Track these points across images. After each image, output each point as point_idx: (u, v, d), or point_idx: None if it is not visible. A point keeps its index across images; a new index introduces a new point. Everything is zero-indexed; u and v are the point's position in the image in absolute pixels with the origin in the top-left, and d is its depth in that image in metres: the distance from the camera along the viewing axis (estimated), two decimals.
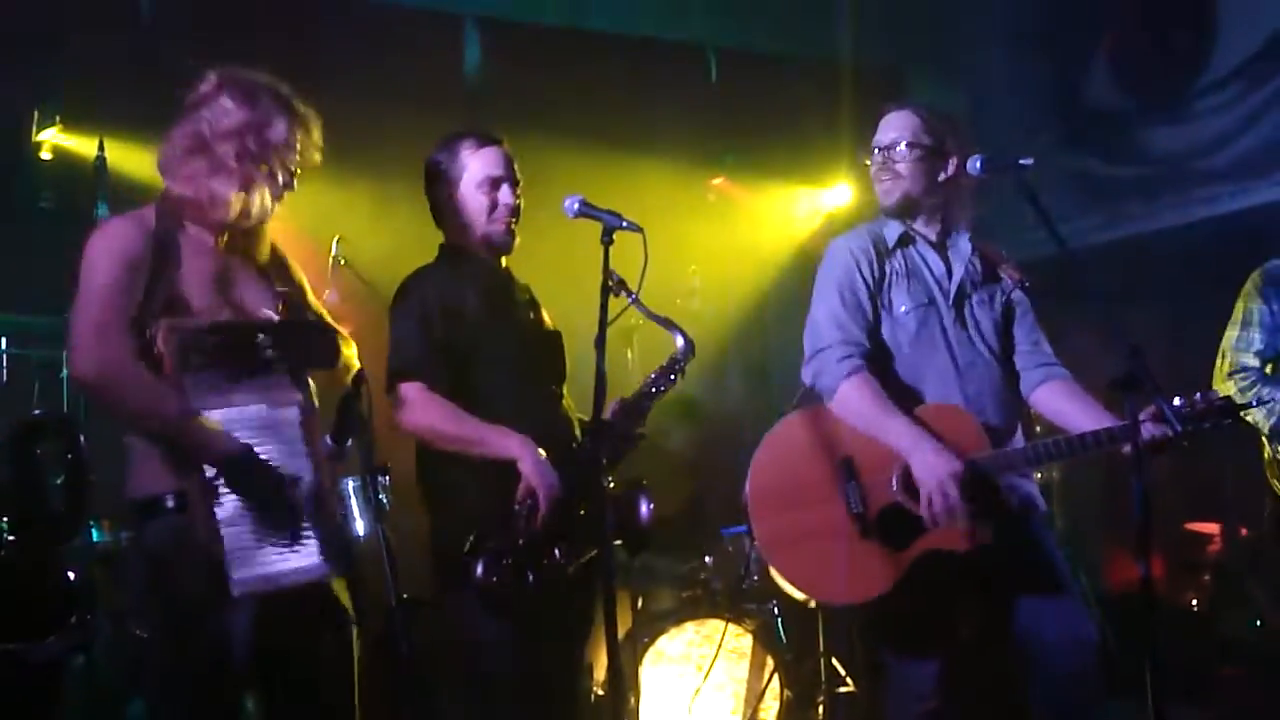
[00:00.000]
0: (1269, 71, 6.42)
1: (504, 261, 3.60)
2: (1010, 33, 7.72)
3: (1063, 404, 3.49)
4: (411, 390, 3.28)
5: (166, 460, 2.84)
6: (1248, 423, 4.31)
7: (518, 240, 3.55)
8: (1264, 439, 4.44)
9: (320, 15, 6.05)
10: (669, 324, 3.48)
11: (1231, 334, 4.49)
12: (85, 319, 2.82)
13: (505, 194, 3.49)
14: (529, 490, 3.21)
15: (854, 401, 3.36)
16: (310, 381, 3.05)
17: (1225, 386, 4.39)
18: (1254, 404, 3.22)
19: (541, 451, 3.26)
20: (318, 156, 3.10)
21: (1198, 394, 3.17)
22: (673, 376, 3.52)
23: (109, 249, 2.87)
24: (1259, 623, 5.90)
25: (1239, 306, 4.51)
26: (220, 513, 2.80)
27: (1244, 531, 6.07)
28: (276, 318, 2.99)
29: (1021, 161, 3.24)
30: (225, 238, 3.01)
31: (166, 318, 2.82)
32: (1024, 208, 3.20)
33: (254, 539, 2.83)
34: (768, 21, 7.24)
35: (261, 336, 2.88)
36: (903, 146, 3.49)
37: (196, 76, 3.03)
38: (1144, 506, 2.78)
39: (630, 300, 3.32)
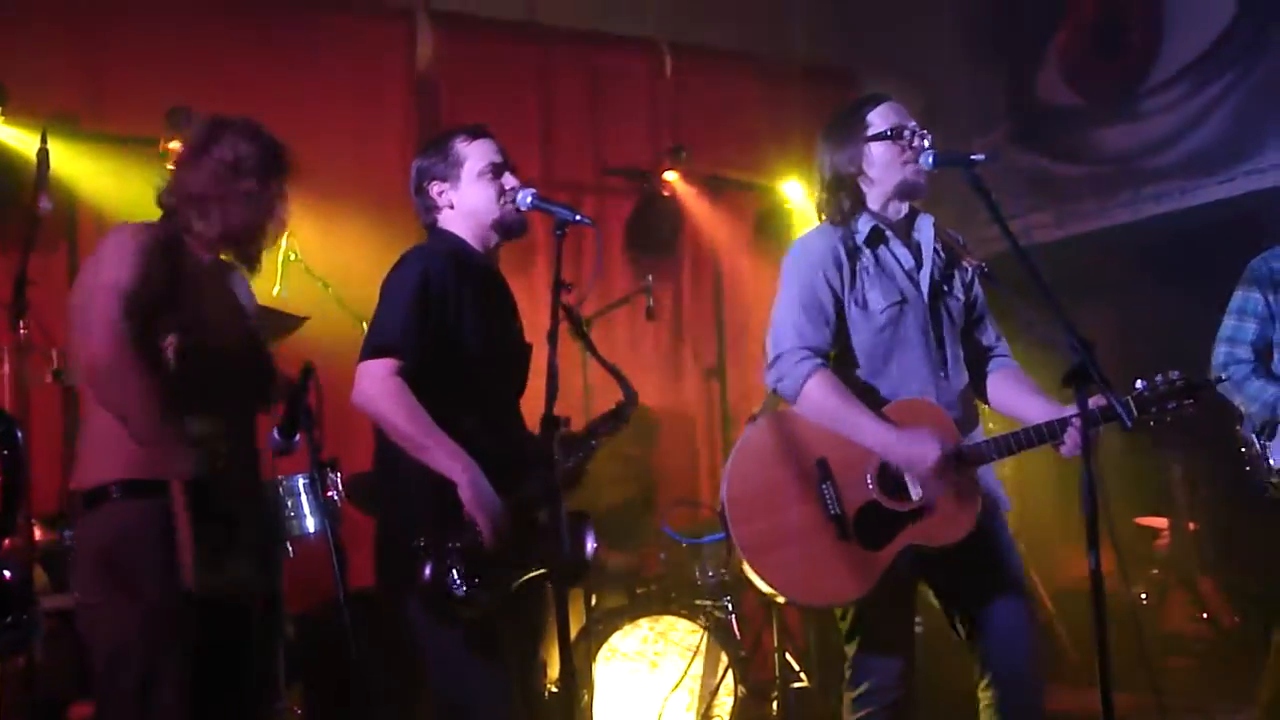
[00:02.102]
0: (1215, 71, 6.49)
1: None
2: (962, 31, 7.77)
3: (1009, 394, 3.52)
4: (381, 367, 3.20)
5: (116, 451, 2.94)
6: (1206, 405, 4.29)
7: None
8: (1251, 436, 4.44)
9: (269, 13, 5.99)
10: (616, 374, 3.46)
11: (1228, 322, 4.48)
12: (104, 311, 2.92)
13: (509, 179, 3.45)
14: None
15: (818, 400, 3.34)
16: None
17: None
18: (1215, 380, 3.22)
19: (481, 478, 3.18)
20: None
21: (1159, 375, 3.18)
22: (617, 424, 3.49)
23: (129, 248, 3.00)
24: (1206, 616, 5.97)
25: (1236, 295, 4.50)
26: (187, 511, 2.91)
27: (1192, 526, 6.14)
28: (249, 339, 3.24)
29: (973, 157, 3.23)
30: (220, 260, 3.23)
31: (168, 327, 2.98)
32: (976, 204, 3.21)
33: (214, 540, 2.95)
34: (722, 18, 7.24)
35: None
36: (919, 130, 3.47)
37: (184, 121, 3.28)
38: (1092, 500, 2.79)
39: (583, 341, 3.32)
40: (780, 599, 3.49)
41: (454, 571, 3.12)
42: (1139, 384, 3.18)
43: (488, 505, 3.15)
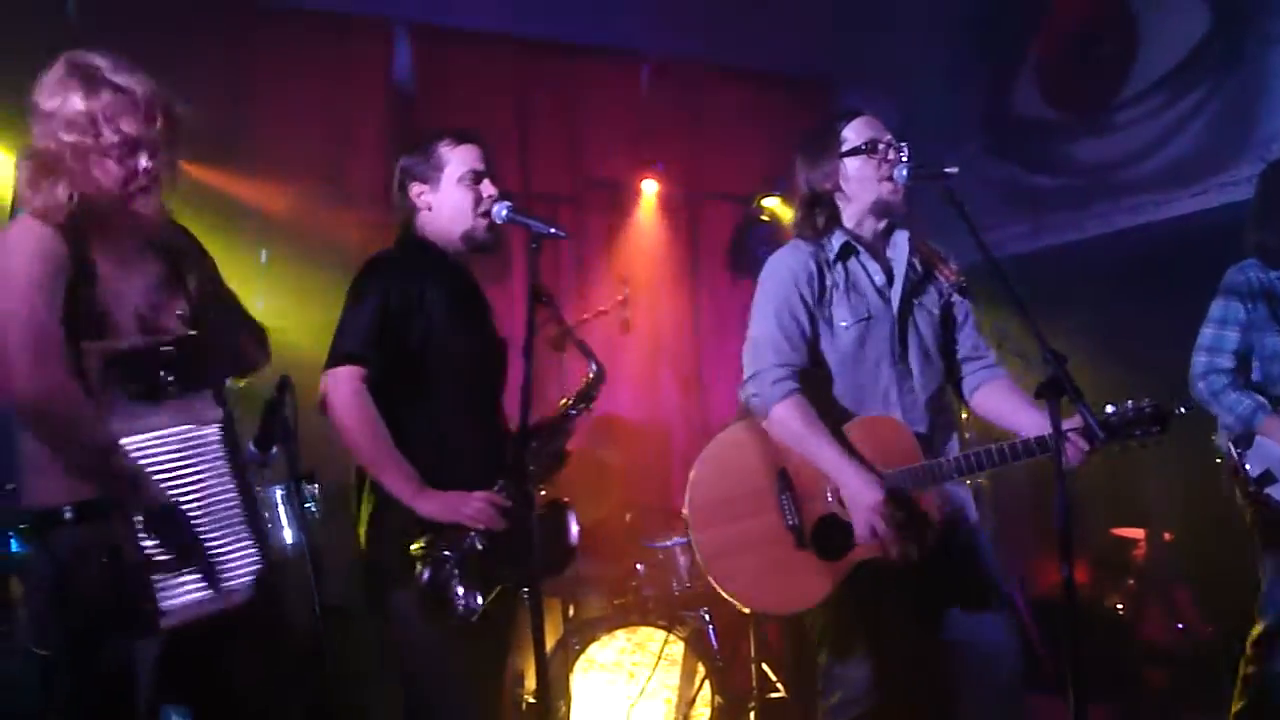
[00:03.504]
0: (1190, 84, 6.54)
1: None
2: (939, 44, 7.81)
3: (1000, 406, 3.51)
4: (345, 375, 3.22)
5: (66, 470, 2.71)
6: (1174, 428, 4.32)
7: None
8: (1228, 447, 4.46)
9: (247, 20, 5.98)
10: (585, 350, 3.49)
11: (1207, 331, 4.49)
12: (20, 334, 2.62)
13: (488, 187, 3.47)
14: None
15: (786, 424, 3.37)
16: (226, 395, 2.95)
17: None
18: (1181, 410, 3.24)
19: (433, 497, 3.21)
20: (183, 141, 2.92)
21: (1129, 401, 3.19)
22: (588, 400, 3.51)
23: (29, 250, 2.67)
24: (1180, 626, 5.99)
25: (1214, 304, 4.51)
26: (145, 540, 2.70)
27: (1168, 537, 6.16)
28: (182, 331, 2.86)
29: (947, 170, 3.26)
30: (128, 235, 2.85)
31: (89, 335, 2.70)
32: (950, 216, 3.22)
33: (180, 565, 2.74)
34: (699, 30, 7.26)
35: (164, 367, 2.78)
36: (893, 145, 3.48)
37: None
38: (1066, 512, 2.81)
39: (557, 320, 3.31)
40: (741, 606, 3.52)
41: (455, 576, 3.14)
42: (1109, 409, 3.18)
43: (455, 514, 3.18)
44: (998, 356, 3.69)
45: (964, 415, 3.67)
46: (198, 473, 2.82)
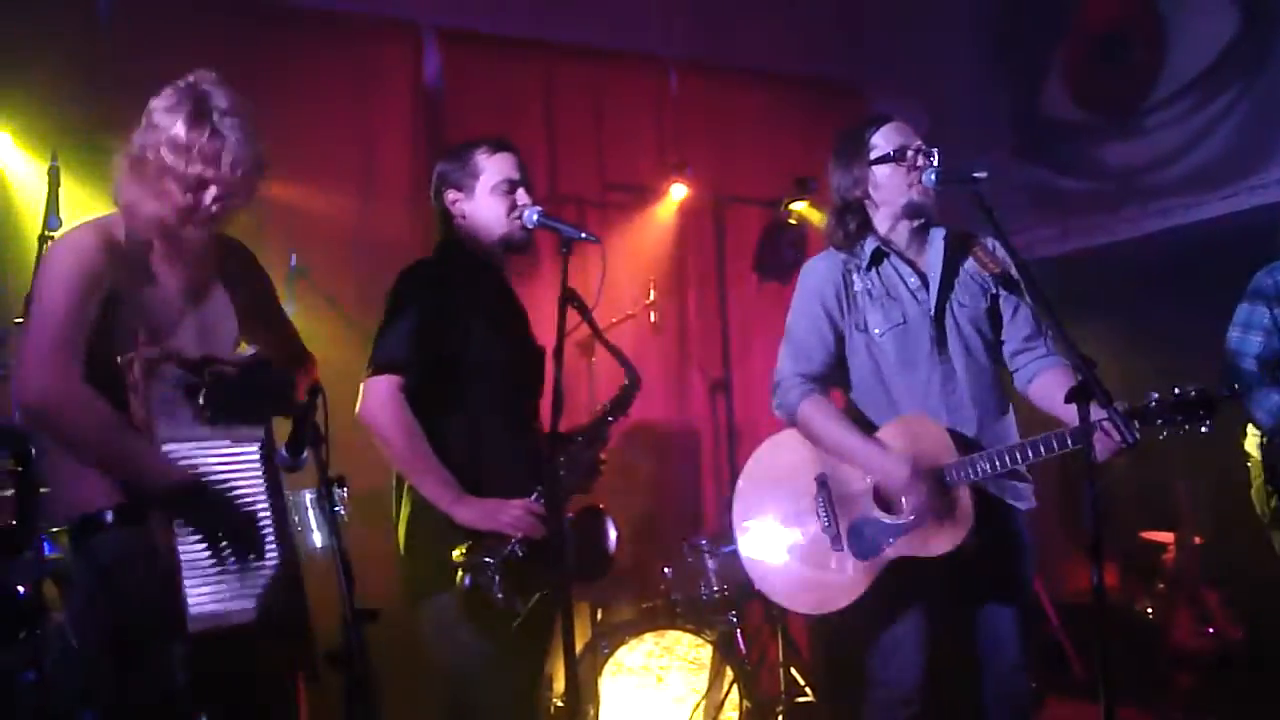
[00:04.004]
0: (1219, 86, 6.51)
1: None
2: (967, 47, 7.79)
3: (1053, 397, 3.42)
4: (383, 384, 3.25)
5: (104, 475, 2.76)
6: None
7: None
8: (1256, 451, 4.44)
9: (277, 26, 6.01)
10: (619, 356, 3.51)
11: (1232, 334, 4.48)
12: (34, 343, 2.72)
13: (523, 195, 3.50)
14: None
15: (809, 422, 3.47)
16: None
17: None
18: (1225, 393, 3.17)
19: (471, 505, 3.24)
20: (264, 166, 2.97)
21: (1174, 387, 3.17)
22: (623, 408, 3.53)
23: (67, 266, 2.77)
24: (1210, 630, 5.96)
25: (1241, 308, 4.49)
26: (180, 543, 2.72)
27: (1197, 540, 6.13)
28: (229, 356, 2.92)
29: (975, 175, 3.26)
30: (189, 251, 2.93)
31: (137, 343, 2.75)
32: (979, 219, 3.22)
33: (212, 571, 2.76)
34: (727, 34, 7.26)
35: (204, 391, 2.81)
36: (922, 150, 3.48)
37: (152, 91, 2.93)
38: (1096, 514, 2.81)
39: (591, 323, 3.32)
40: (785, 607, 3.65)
41: (496, 582, 3.17)
42: (1153, 395, 3.16)
43: (493, 522, 3.20)
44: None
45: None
46: (235, 487, 2.85)
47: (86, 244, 2.80)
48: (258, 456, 2.92)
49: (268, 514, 2.90)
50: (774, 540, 3.57)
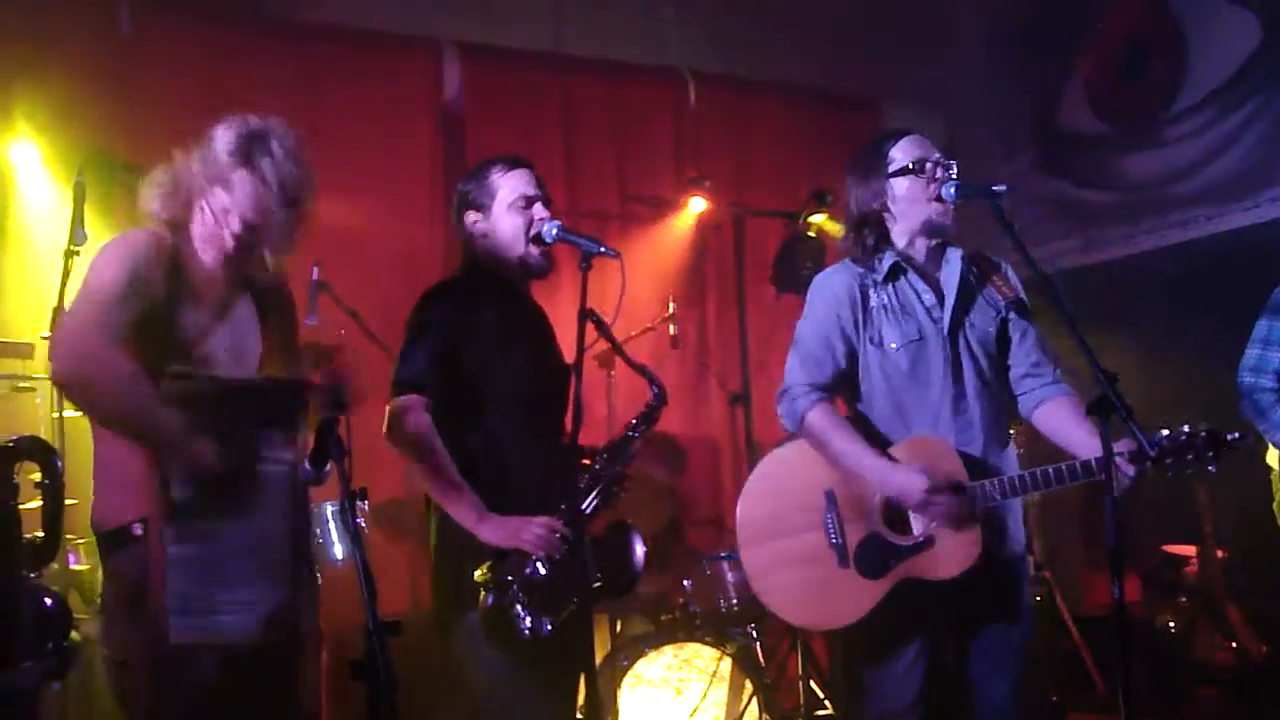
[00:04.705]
0: (1239, 98, 6.49)
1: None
2: (986, 60, 7.80)
3: (1060, 426, 3.46)
4: (408, 404, 3.25)
5: (134, 486, 2.77)
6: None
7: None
8: (1277, 464, 4.42)
9: (297, 43, 6.06)
10: (644, 372, 3.50)
11: (1251, 352, 4.45)
12: (72, 320, 2.79)
13: (539, 211, 3.48)
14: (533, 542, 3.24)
15: (815, 432, 3.43)
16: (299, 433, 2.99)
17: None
18: (1233, 437, 3.13)
19: (498, 525, 3.23)
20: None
21: (1184, 425, 3.13)
22: (649, 423, 3.52)
23: (121, 258, 2.81)
24: (1234, 645, 5.93)
25: (1260, 323, 4.47)
26: (175, 552, 2.73)
27: (1220, 554, 6.10)
28: (252, 376, 2.97)
29: (995, 188, 3.25)
30: (228, 267, 2.98)
31: (167, 355, 2.78)
32: (999, 233, 3.22)
33: (206, 586, 2.76)
34: (746, 48, 7.28)
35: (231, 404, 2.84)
36: (942, 164, 3.47)
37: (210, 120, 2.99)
38: (1117, 529, 2.81)
39: (609, 338, 3.33)
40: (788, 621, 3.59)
41: (519, 600, 3.17)
42: (1163, 433, 3.12)
43: (516, 540, 3.21)
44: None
45: (1011, 431, 3.63)
46: (255, 506, 2.86)
47: (142, 245, 2.86)
48: (286, 478, 2.93)
49: (284, 544, 2.90)
50: (778, 553, 3.50)
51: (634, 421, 3.50)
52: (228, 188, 2.88)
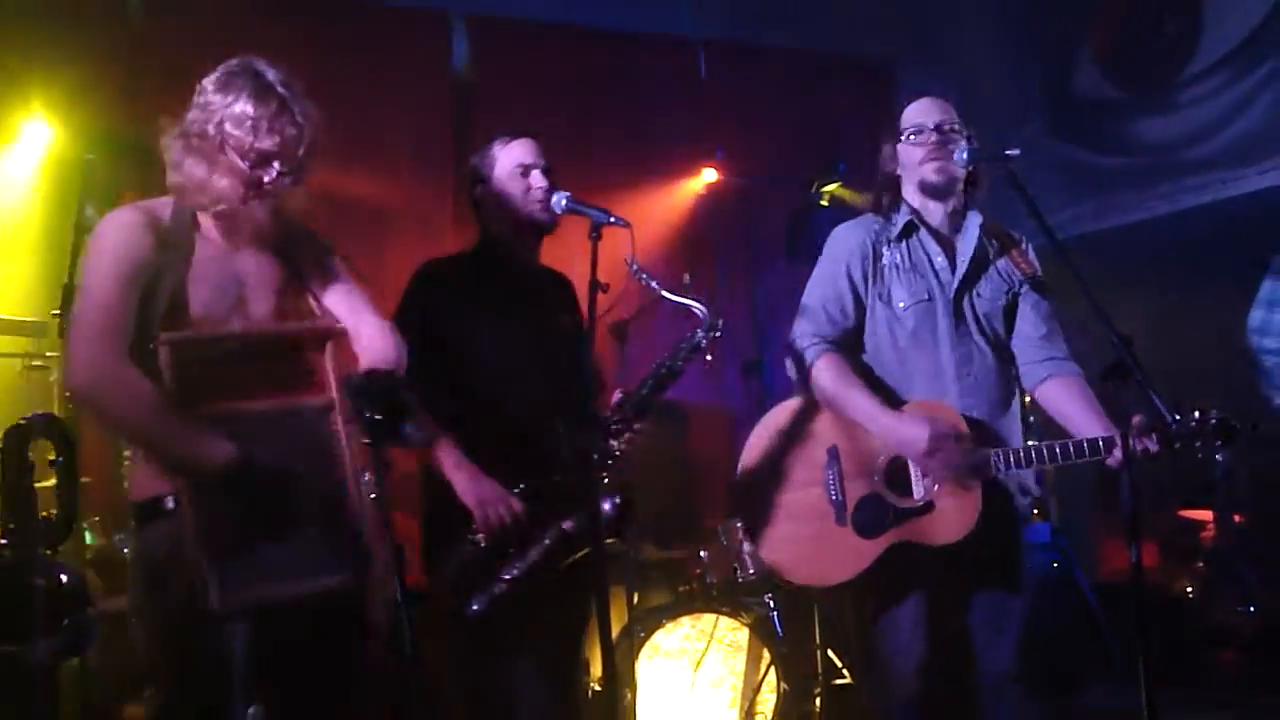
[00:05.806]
0: (1255, 60, 6.43)
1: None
2: (999, 24, 7.74)
3: (1063, 404, 3.45)
4: None
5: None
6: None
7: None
8: None
9: (306, 16, 6.04)
10: (686, 302, 3.43)
11: (1255, 314, 4.44)
12: (82, 330, 2.74)
13: (537, 178, 3.54)
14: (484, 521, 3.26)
15: (822, 382, 3.43)
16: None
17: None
18: (1252, 427, 3.11)
19: (471, 472, 3.28)
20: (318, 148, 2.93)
21: (1196, 411, 3.12)
22: (697, 353, 3.42)
23: (112, 248, 2.77)
24: (1252, 609, 5.93)
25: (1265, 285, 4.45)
26: (210, 521, 2.66)
27: (1237, 518, 6.09)
28: (272, 329, 2.87)
29: (1008, 153, 3.25)
30: (248, 228, 2.89)
31: (168, 324, 2.72)
32: (1013, 198, 3.21)
33: (246, 551, 2.69)
34: (758, 16, 7.23)
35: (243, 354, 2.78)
36: (950, 129, 3.48)
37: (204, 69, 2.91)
38: (1134, 495, 2.80)
39: (650, 281, 3.31)
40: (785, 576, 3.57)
41: (449, 579, 3.26)
42: (1173, 419, 3.10)
43: (470, 498, 3.26)
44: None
45: (1025, 400, 3.62)
46: (296, 456, 2.77)
47: (129, 225, 2.80)
48: (321, 418, 2.83)
49: (336, 485, 2.81)
50: (776, 504, 3.51)
51: (676, 351, 3.44)
52: (236, 123, 2.79)
